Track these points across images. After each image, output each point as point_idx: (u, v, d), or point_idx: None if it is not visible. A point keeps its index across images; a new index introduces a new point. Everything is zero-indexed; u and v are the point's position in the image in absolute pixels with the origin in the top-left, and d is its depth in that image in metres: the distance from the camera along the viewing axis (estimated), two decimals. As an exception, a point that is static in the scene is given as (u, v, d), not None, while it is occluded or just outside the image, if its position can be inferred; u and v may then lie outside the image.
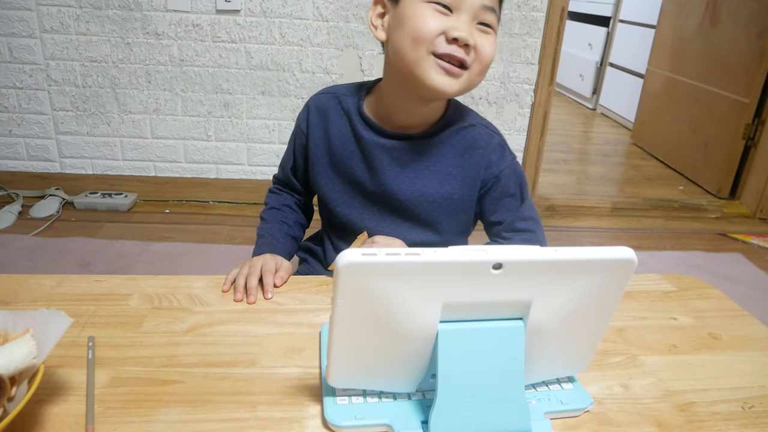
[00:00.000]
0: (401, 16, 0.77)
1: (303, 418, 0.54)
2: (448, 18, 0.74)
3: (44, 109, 2.20)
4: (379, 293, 0.47)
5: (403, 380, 0.55)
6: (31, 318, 0.53)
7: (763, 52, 2.49)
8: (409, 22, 0.75)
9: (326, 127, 0.89)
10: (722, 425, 0.57)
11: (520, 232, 0.87)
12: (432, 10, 0.74)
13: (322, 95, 0.92)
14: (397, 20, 0.78)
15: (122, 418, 0.53)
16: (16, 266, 1.79)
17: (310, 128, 0.91)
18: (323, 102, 0.90)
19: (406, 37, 0.76)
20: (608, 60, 4.08)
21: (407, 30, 0.75)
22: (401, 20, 0.76)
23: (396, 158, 0.86)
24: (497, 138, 0.88)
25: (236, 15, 2.09)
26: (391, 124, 0.86)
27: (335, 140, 0.89)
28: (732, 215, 2.58)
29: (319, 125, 0.90)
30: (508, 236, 0.87)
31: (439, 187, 0.86)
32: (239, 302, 0.73)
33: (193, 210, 2.30)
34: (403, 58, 0.77)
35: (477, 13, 0.75)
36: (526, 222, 0.88)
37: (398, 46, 0.77)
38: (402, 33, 0.76)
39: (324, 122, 0.89)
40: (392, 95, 0.84)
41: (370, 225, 0.89)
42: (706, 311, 0.78)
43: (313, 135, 0.90)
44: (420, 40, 0.74)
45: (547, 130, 2.33)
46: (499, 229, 0.88)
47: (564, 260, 0.48)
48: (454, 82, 0.76)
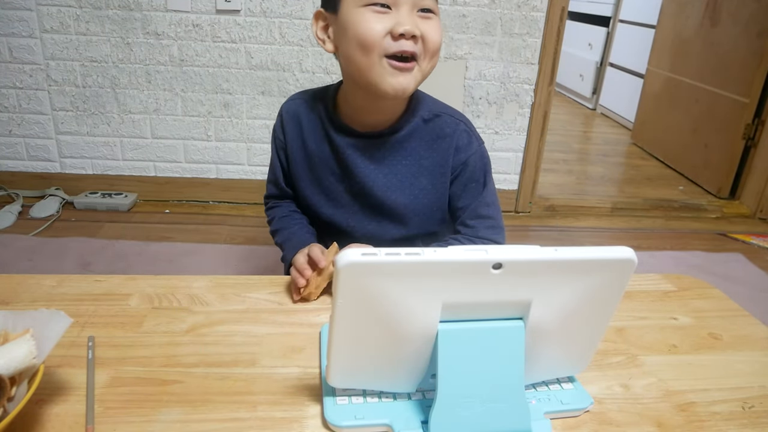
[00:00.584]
0: (344, 26, 0.77)
1: (303, 418, 0.54)
2: (389, 15, 0.75)
3: (44, 109, 2.20)
4: (379, 293, 0.47)
5: (403, 380, 0.55)
6: (31, 318, 0.53)
7: (763, 52, 2.49)
8: (352, 30, 0.76)
9: (301, 133, 0.91)
10: (722, 425, 0.57)
11: (484, 218, 0.90)
12: (371, 13, 0.75)
13: (292, 102, 0.93)
14: (340, 30, 0.79)
15: (122, 418, 0.53)
16: (16, 266, 1.79)
17: (287, 135, 0.92)
18: (294, 108, 0.92)
19: (353, 45, 0.77)
20: (608, 60, 4.08)
21: (352, 38, 0.76)
22: (345, 29, 0.77)
23: (369, 156, 0.88)
24: (463, 125, 0.90)
25: (236, 15, 2.09)
26: (361, 123, 0.88)
27: (310, 144, 0.91)
28: (732, 215, 2.58)
29: (294, 131, 0.92)
30: (473, 224, 0.90)
31: (414, 180, 0.89)
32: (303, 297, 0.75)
33: (193, 210, 2.30)
34: (355, 66, 0.78)
35: (415, 2, 0.75)
36: (489, 208, 0.91)
37: (348, 55, 0.79)
38: (348, 42, 0.77)
39: (298, 128, 0.91)
40: (354, 98, 0.86)
41: (353, 223, 0.93)
42: (706, 311, 0.78)
43: (290, 141, 0.92)
44: (367, 45, 0.75)
45: (547, 130, 2.33)
46: (464, 215, 0.90)
47: (564, 260, 0.48)
48: (409, 79, 0.78)
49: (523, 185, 2.40)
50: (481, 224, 0.90)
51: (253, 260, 1.92)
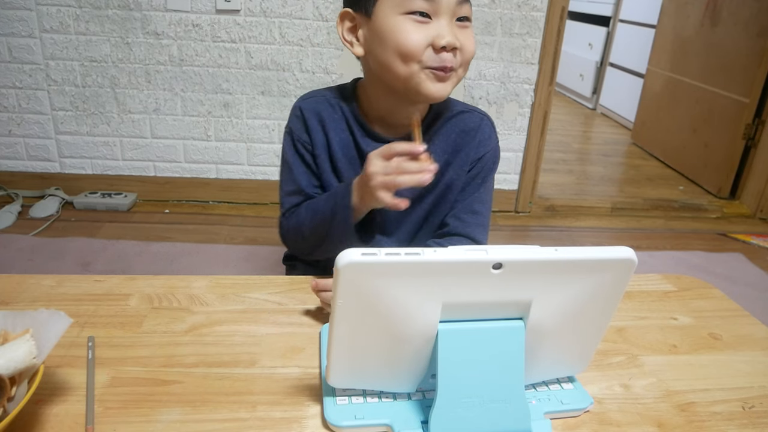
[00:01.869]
0: (380, 32, 0.75)
1: (303, 418, 0.54)
2: (430, 25, 0.73)
3: (44, 108, 2.20)
4: (378, 293, 0.47)
5: (403, 380, 0.55)
6: (31, 318, 0.53)
7: (763, 52, 2.49)
8: (392, 39, 0.74)
9: (326, 132, 0.87)
10: (722, 425, 0.57)
11: (476, 214, 0.90)
12: (412, 22, 0.73)
13: (311, 99, 0.88)
14: (375, 35, 0.76)
15: (122, 418, 0.53)
16: (15, 266, 1.79)
17: (311, 132, 0.87)
18: (315, 106, 0.87)
19: (391, 53, 0.75)
20: (608, 60, 4.08)
21: (392, 47, 0.74)
22: (381, 36, 0.75)
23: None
24: (486, 120, 0.90)
25: (236, 15, 2.09)
26: (386, 125, 0.86)
27: (336, 146, 0.87)
28: (732, 215, 2.58)
29: (318, 129, 0.87)
30: (465, 219, 0.89)
31: (440, 177, 0.87)
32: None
33: (192, 210, 2.30)
34: (392, 73, 0.76)
35: (454, 11, 0.74)
36: (483, 205, 0.91)
37: (384, 62, 0.76)
38: (386, 49, 0.75)
39: (322, 127, 0.87)
40: (382, 101, 0.84)
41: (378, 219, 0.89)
42: (707, 311, 0.78)
43: (315, 139, 0.87)
44: (408, 56, 0.74)
45: (547, 130, 2.33)
46: (459, 207, 0.89)
47: (564, 260, 0.48)
48: (447, 86, 0.77)
49: (523, 185, 2.40)
50: (473, 220, 0.89)
51: (253, 260, 1.92)
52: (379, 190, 0.72)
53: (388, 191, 0.72)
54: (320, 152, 0.87)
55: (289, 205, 0.89)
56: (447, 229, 0.90)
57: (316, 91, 0.91)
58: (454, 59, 0.75)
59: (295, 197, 0.88)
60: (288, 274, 1.04)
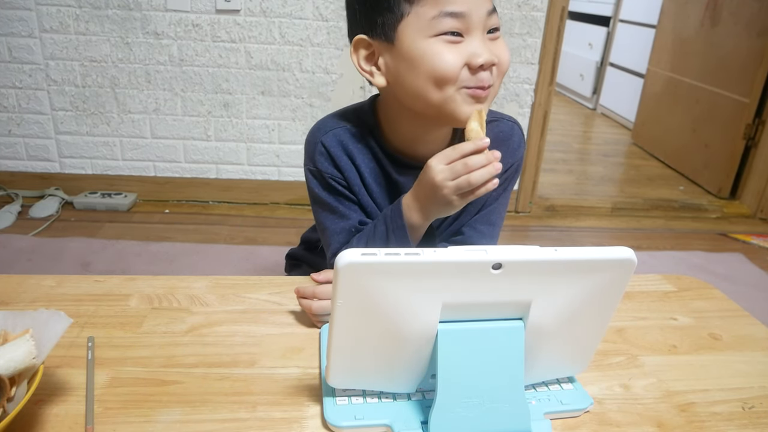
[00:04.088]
0: (409, 58, 0.69)
1: (303, 418, 0.54)
2: (463, 44, 0.68)
3: (44, 108, 2.20)
4: (378, 293, 0.47)
5: (402, 380, 0.55)
6: (30, 318, 0.53)
7: (763, 52, 2.49)
8: (424, 64, 0.68)
9: (355, 164, 0.81)
10: (722, 425, 0.57)
11: (492, 226, 0.86)
12: (444, 44, 0.68)
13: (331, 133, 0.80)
14: (402, 62, 0.70)
15: (122, 419, 0.53)
16: (15, 266, 1.79)
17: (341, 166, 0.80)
18: (338, 139, 0.80)
19: (423, 80, 0.69)
20: (608, 60, 4.08)
21: (425, 72, 0.69)
22: (410, 62, 0.69)
23: None
24: (517, 128, 0.86)
25: (236, 15, 2.09)
26: (413, 149, 0.80)
27: (367, 175, 0.82)
28: (732, 215, 2.58)
29: (347, 161, 0.80)
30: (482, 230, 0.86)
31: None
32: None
33: (192, 210, 2.30)
34: (424, 100, 0.71)
35: (485, 23, 0.69)
36: (499, 216, 0.87)
37: (416, 90, 0.71)
38: (417, 76, 0.69)
39: (350, 158, 0.80)
40: (407, 127, 0.78)
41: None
42: (707, 311, 0.78)
43: (347, 172, 0.81)
44: (444, 80, 0.68)
45: (547, 130, 2.33)
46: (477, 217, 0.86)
47: (564, 260, 0.48)
48: (486, 105, 0.72)
49: (523, 185, 2.40)
50: (488, 232, 0.86)
51: (253, 260, 1.92)
52: (454, 195, 0.69)
53: (464, 195, 0.69)
54: (354, 182, 0.81)
55: (339, 244, 0.82)
56: (460, 238, 0.86)
57: (331, 120, 0.83)
58: (491, 76, 0.70)
59: (342, 236, 0.82)
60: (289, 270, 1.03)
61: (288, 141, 2.28)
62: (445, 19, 0.67)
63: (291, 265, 1.04)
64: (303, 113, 2.24)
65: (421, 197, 0.73)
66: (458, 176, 0.68)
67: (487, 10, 0.69)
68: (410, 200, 0.74)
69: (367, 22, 0.71)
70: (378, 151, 0.80)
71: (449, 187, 0.68)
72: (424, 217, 0.74)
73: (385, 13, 0.69)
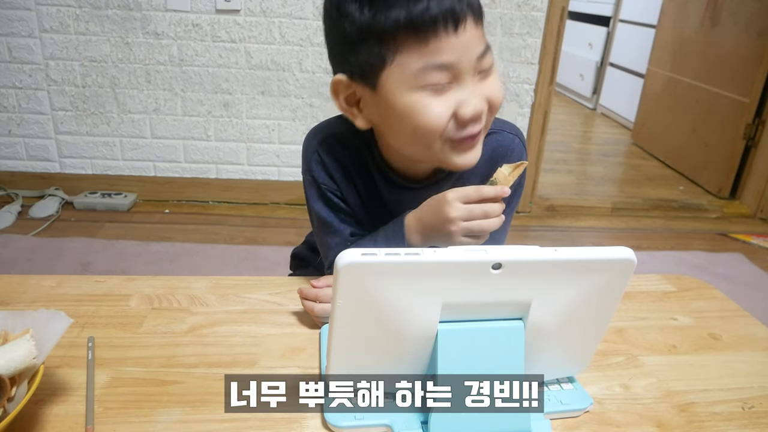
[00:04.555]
0: (391, 109, 0.63)
1: (303, 418, 0.54)
2: (450, 93, 0.62)
3: (44, 108, 2.20)
4: (378, 293, 0.47)
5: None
6: (31, 318, 0.53)
7: (763, 52, 2.49)
8: (408, 119, 0.63)
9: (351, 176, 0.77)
10: (722, 425, 0.57)
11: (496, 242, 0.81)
12: (429, 95, 0.62)
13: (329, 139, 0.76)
14: (383, 110, 0.65)
15: (122, 419, 0.53)
16: (15, 266, 1.79)
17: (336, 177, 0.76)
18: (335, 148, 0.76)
19: (407, 134, 0.65)
20: (608, 60, 4.08)
21: (409, 127, 0.63)
22: (394, 114, 0.64)
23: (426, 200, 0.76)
24: (518, 140, 0.81)
25: (236, 15, 2.09)
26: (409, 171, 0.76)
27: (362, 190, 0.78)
28: (732, 215, 2.58)
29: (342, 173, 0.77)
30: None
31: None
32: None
33: (192, 210, 2.30)
34: (409, 150, 0.68)
35: (476, 67, 0.64)
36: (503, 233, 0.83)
37: (398, 140, 0.67)
38: (401, 128, 0.65)
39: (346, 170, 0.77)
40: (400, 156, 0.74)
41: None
42: (706, 311, 0.77)
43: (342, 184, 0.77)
44: (429, 136, 0.64)
45: (547, 130, 2.33)
46: None
47: (563, 260, 0.48)
48: (477, 151, 0.67)
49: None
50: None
51: (253, 260, 1.92)
52: (462, 235, 0.67)
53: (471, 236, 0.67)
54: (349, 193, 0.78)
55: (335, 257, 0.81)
56: None
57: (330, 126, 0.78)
58: (481, 123, 0.65)
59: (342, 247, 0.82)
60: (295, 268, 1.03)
61: (288, 141, 2.27)
62: (432, 72, 0.61)
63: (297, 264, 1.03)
64: (303, 113, 2.24)
65: (426, 224, 0.70)
66: (473, 219, 0.66)
67: (478, 54, 0.63)
68: (413, 222, 0.72)
69: (346, 62, 0.65)
70: (373, 167, 0.76)
71: (460, 227, 0.66)
72: (424, 241, 0.71)
73: (364, 57, 0.62)
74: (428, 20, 0.59)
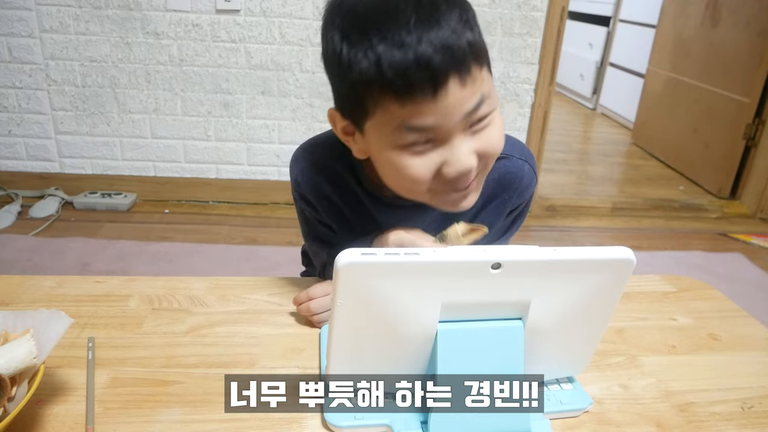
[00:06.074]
0: (376, 157, 0.61)
1: (303, 418, 0.54)
2: (435, 152, 0.57)
3: (44, 108, 2.20)
4: (378, 293, 0.47)
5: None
6: (31, 318, 0.53)
7: (763, 52, 2.49)
8: (392, 172, 0.60)
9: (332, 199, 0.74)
10: (722, 425, 0.57)
11: None
12: (409, 157, 0.57)
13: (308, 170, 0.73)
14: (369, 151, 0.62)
15: (122, 419, 0.53)
16: (15, 266, 1.79)
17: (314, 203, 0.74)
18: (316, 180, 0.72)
19: (394, 182, 0.62)
20: (608, 60, 4.08)
21: (392, 179, 0.61)
22: (379, 162, 0.62)
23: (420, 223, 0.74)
24: (528, 166, 0.76)
25: (236, 15, 2.09)
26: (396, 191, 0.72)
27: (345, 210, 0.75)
28: (732, 215, 2.58)
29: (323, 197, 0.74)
30: None
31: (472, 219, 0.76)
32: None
33: (192, 210, 2.30)
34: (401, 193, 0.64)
35: (464, 123, 0.56)
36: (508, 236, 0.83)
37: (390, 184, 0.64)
38: (387, 175, 0.62)
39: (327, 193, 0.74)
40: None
41: None
42: (706, 312, 0.78)
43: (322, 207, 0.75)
44: (414, 188, 0.60)
45: (547, 130, 2.33)
46: None
47: (563, 260, 0.48)
48: (472, 198, 0.63)
49: (523, 185, 2.40)
50: None
51: (253, 260, 1.92)
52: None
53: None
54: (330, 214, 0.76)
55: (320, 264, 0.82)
56: None
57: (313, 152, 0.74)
58: (472, 175, 0.59)
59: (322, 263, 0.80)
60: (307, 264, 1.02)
61: (288, 141, 2.27)
62: (409, 133, 0.55)
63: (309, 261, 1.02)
64: (303, 113, 2.24)
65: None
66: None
67: (467, 111, 0.55)
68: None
69: (339, 98, 0.61)
70: (356, 187, 0.73)
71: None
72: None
73: (352, 101, 0.58)
74: (401, 79, 0.52)
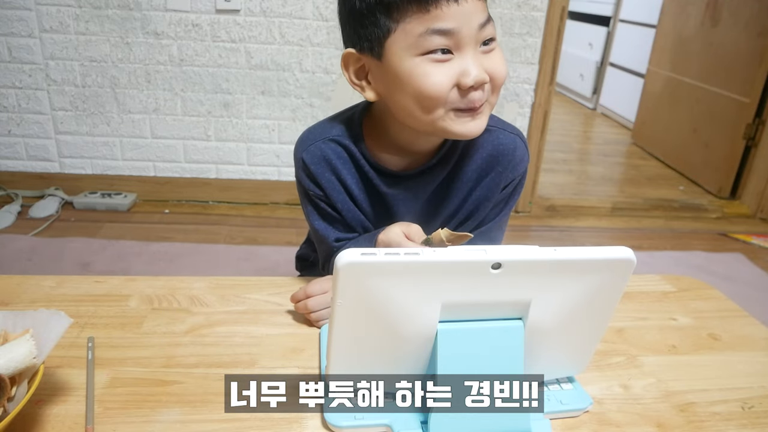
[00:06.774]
0: (395, 76, 0.66)
1: (303, 418, 0.54)
2: (452, 62, 0.65)
3: (43, 108, 2.20)
4: (378, 293, 0.47)
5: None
6: (31, 318, 0.53)
7: (763, 51, 2.49)
8: (411, 85, 0.65)
9: (339, 177, 0.77)
10: (722, 425, 0.57)
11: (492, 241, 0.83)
12: (431, 63, 0.64)
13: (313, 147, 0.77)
14: (389, 79, 0.67)
15: (122, 419, 0.53)
16: (15, 266, 1.79)
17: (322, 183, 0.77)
18: (320, 153, 0.76)
19: (410, 100, 0.66)
20: (608, 60, 4.08)
21: (411, 93, 0.66)
22: (397, 81, 0.66)
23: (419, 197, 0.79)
24: (520, 141, 0.80)
25: (236, 15, 2.09)
26: (403, 156, 0.77)
27: (353, 186, 0.78)
28: (732, 215, 2.58)
29: (329, 176, 0.77)
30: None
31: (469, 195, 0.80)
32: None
33: (192, 210, 2.30)
34: (415, 118, 0.68)
35: (477, 37, 0.66)
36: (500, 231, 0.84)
37: (404, 109, 0.68)
38: (405, 95, 0.67)
39: (335, 174, 0.77)
40: (400, 135, 0.75)
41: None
42: (706, 312, 0.78)
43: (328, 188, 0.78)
44: (431, 103, 0.65)
45: (547, 130, 2.33)
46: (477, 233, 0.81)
47: (563, 260, 0.48)
48: (481, 122, 0.68)
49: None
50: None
51: (253, 260, 1.92)
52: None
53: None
54: (337, 198, 0.78)
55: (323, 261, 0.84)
56: None
57: (316, 130, 0.79)
58: (484, 94, 0.66)
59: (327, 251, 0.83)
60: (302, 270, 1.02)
61: (288, 141, 2.27)
62: (433, 36, 0.63)
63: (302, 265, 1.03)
64: (303, 113, 2.24)
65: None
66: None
67: (480, 22, 0.66)
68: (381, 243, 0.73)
69: (356, 36, 0.68)
70: (364, 163, 0.77)
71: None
72: None
73: (371, 29, 0.66)
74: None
